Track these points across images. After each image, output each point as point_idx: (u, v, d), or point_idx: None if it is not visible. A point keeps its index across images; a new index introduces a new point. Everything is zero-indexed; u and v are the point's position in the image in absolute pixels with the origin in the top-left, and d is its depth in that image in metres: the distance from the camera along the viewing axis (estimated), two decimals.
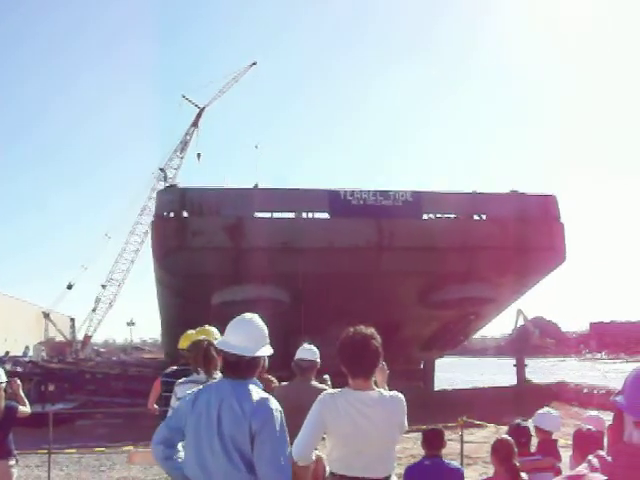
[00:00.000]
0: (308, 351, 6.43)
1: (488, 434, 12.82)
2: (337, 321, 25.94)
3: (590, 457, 1.54)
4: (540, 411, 6.36)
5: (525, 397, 23.18)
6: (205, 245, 24.26)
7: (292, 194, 26.05)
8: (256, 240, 24.27)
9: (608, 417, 2.78)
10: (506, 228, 25.54)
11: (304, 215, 26.28)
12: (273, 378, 6.67)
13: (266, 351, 3.71)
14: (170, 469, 3.64)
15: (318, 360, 6.35)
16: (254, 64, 61.26)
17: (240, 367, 3.59)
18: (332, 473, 3.90)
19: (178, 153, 62.11)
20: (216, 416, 3.47)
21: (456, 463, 5.83)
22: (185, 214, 25.35)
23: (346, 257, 24.23)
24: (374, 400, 3.83)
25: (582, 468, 1.50)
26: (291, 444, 3.62)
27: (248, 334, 3.65)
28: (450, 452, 10.17)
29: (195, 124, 62.13)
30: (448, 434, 12.71)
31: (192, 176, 71.03)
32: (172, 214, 25.47)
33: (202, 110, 61.83)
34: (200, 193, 25.49)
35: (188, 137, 62.43)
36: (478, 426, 13.51)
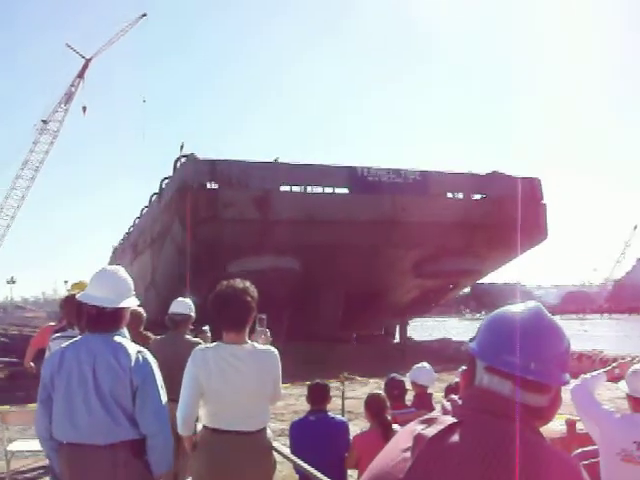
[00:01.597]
0: (181, 304, 6.28)
1: (370, 390, 13.00)
2: (336, 286, 27.74)
3: (444, 401, 1.56)
4: (415, 366, 6.53)
5: (407, 354, 24.33)
6: (235, 216, 25.16)
7: (315, 169, 27.27)
8: (283, 213, 25.28)
9: None
10: (501, 207, 28.04)
11: (322, 190, 27.67)
12: (150, 334, 6.52)
13: (130, 302, 3.64)
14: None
15: (192, 314, 6.26)
16: (144, 15, 60.32)
17: (102, 319, 3.51)
18: (204, 427, 3.90)
19: (62, 105, 60.04)
20: (91, 372, 3.40)
21: (341, 417, 5.77)
22: (214, 185, 26.05)
23: (363, 230, 25.77)
24: (246, 354, 3.83)
25: (435, 412, 1.53)
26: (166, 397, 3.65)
27: (110, 286, 3.56)
28: (332, 408, 10.55)
29: (81, 75, 60.15)
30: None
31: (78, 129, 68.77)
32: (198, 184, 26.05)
33: (88, 61, 59.79)
34: (229, 165, 26.06)
35: (73, 89, 60.43)
36: (360, 382, 14.06)
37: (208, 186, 25.97)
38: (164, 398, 3.55)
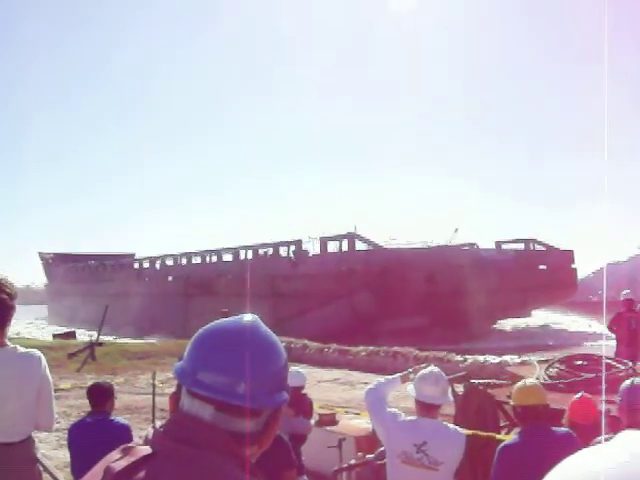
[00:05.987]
0: None
1: None
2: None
3: (149, 428, 1.34)
4: None
5: None
6: (415, 290, 35.46)
7: (456, 249, 40.31)
8: (445, 288, 36.00)
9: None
10: (554, 273, 39.70)
11: None
12: None
13: None
14: None
15: None
16: None
17: None
18: None
19: None
20: None
21: (121, 419, 5.18)
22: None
23: (483, 295, 36.10)
24: (5, 358, 3.55)
25: (138, 439, 1.31)
26: None
27: None
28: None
29: None
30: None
31: None
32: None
33: None
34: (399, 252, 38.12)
35: None
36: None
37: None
38: None
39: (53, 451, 9.38)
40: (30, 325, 56.75)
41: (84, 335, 32.64)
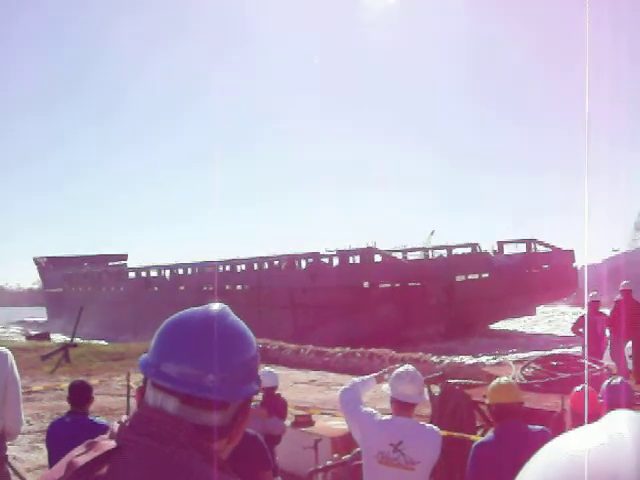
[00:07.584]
0: None
1: None
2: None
3: (114, 423, 1.30)
4: None
5: None
6: (436, 301, 37.13)
7: (476, 258, 41.55)
8: (462, 296, 37.60)
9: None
10: (557, 273, 40.51)
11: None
12: None
13: None
14: None
15: None
16: None
17: None
18: None
19: None
20: None
21: (101, 419, 5.11)
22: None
23: (497, 301, 38.09)
24: None
25: (105, 435, 1.28)
26: None
27: None
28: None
29: None
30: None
31: None
32: None
33: None
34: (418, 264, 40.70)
35: None
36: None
37: None
38: None
39: (25, 453, 9.39)
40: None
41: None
